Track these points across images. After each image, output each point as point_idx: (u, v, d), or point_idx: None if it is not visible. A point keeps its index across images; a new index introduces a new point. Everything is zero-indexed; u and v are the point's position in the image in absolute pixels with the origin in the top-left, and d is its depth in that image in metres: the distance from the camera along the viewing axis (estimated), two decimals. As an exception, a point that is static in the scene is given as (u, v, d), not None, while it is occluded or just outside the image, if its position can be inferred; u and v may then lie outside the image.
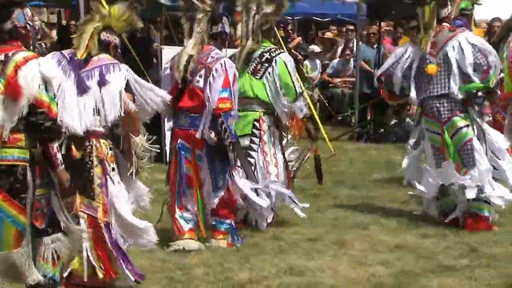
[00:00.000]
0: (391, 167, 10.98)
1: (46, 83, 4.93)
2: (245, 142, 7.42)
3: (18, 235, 4.97)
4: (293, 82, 7.49)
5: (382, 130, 14.37)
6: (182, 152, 6.85)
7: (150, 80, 9.41)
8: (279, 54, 7.55)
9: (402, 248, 6.85)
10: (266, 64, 7.47)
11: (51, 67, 5.07)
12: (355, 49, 14.75)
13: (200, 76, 6.77)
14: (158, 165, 9.93)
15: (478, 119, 7.66)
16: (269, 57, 7.49)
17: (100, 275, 5.57)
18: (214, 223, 6.98)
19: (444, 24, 7.73)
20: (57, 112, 5.00)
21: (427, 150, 7.79)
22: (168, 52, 11.05)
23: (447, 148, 7.57)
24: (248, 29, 7.49)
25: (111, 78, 5.66)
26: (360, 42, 14.67)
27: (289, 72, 7.48)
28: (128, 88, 5.69)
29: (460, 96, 7.53)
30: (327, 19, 18.69)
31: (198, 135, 6.76)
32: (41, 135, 4.93)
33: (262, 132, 7.49)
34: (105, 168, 5.65)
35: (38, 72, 4.89)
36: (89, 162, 5.61)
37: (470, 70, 7.49)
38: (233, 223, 7.01)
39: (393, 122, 14.67)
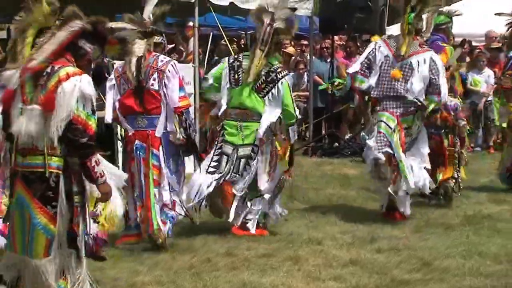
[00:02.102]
0: (346, 181, 11.04)
1: (84, 99, 4.98)
2: (246, 152, 7.79)
3: (48, 244, 5.06)
4: (294, 107, 7.82)
5: (336, 144, 14.41)
6: (139, 152, 7.19)
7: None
8: (284, 76, 7.83)
9: (356, 263, 6.84)
10: (271, 85, 7.76)
11: (91, 84, 5.06)
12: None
13: (154, 80, 7.16)
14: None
15: (419, 123, 8.56)
16: (275, 77, 7.77)
17: None
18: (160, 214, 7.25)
19: (417, 36, 8.65)
20: (94, 128, 5.03)
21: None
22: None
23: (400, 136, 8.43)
24: (258, 39, 7.78)
25: None
26: (314, 56, 14.73)
27: (291, 96, 7.82)
28: None
29: (412, 101, 8.42)
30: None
31: (157, 134, 7.14)
32: (78, 150, 5.00)
33: (261, 143, 7.81)
34: None
35: (77, 89, 4.96)
36: None
37: (424, 84, 8.43)
38: (174, 216, 7.29)
39: (347, 136, 14.73)
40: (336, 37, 15.24)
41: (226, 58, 8.17)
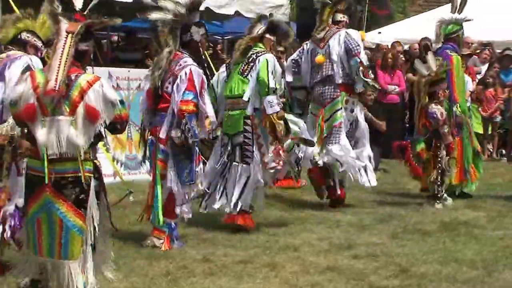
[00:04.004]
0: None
1: (111, 101, 5.19)
2: (239, 139, 8.12)
3: (82, 244, 5.25)
4: (268, 78, 8.02)
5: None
6: (151, 148, 7.54)
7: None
8: (264, 54, 8.19)
9: (333, 269, 6.82)
10: (252, 64, 8.18)
11: (110, 86, 5.31)
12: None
13: (169, 83, 7.42)
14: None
15: (353, 106, 9.43)
16: (254, 57, 8.18)
17: None
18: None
19: (334, 25, 9.49)
20: (127, 113, 5.36)
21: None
22: (94, 72, 10.92)
23: (319, 128, 9.38)
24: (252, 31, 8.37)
25: (10, 70, 6.14)
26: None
27: (267, 69, 8.05)
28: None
29: (340, 81, 9.30)
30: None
31: (161, 135, 7.39)
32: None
33: (254, 127, 8.12)
34: (14, 155, 5.91)
35: (102, 95, 5.16)
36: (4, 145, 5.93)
37: (343, 54, 9.27)
38: (173, 225, 7.51)
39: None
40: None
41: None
